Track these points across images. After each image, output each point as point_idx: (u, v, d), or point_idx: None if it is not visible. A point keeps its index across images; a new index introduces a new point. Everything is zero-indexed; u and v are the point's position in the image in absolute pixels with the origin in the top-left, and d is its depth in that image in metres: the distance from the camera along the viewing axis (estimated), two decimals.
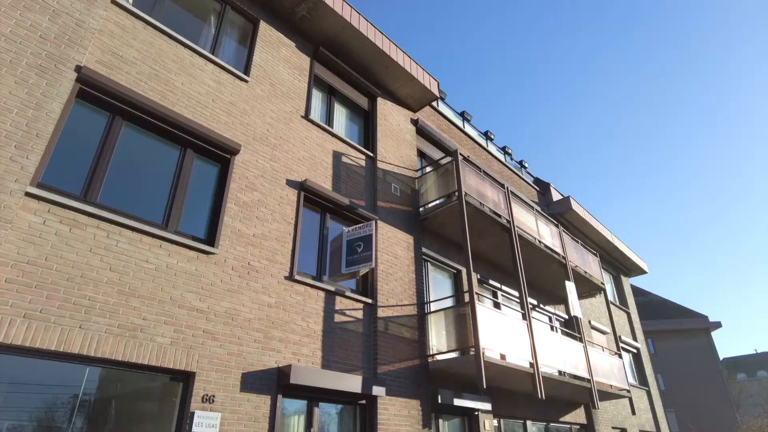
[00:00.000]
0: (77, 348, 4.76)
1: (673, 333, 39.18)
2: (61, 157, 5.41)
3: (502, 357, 8.71)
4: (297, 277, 7.00)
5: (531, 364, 8.98)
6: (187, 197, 6.34)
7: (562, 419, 12.00)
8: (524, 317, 9.53)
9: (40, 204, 4.97)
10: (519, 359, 8.79)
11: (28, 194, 4.88)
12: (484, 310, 8.36)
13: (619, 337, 17.52)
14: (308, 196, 7.84)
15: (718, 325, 39.16)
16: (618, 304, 19.52)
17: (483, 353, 7.75)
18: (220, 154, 6.81)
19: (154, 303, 5.43)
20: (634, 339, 19.28)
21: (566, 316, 14.41)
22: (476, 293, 8.51)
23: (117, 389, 6.91)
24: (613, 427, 14.17)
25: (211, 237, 6.32)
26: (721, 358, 38.75)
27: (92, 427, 7.49)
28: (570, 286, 12.02)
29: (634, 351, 18.93)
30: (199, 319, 5.74)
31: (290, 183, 7.62)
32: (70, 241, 5.05)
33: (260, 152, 7.38)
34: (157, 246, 5.69)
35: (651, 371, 19.28)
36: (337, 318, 7.40)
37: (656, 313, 40.57)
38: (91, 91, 5.72)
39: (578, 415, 12.74)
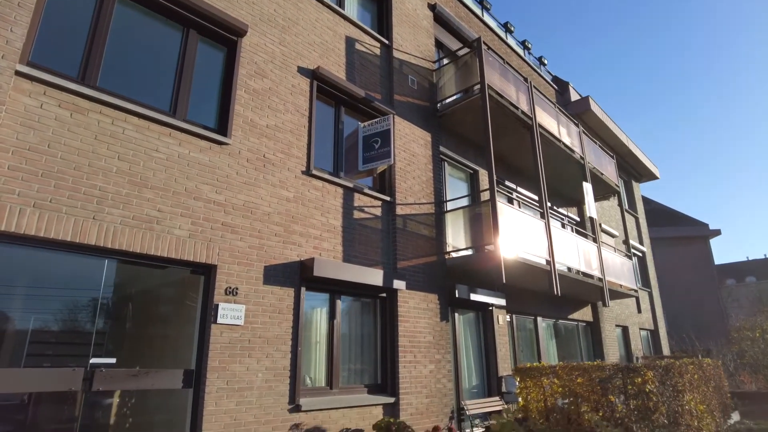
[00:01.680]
0: (93, 239, 4.56)
1: (673, 240, 39.77)
2: (50, 34, 4.83)
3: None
4: (314, 172, 6.67)
5: (548, 262, 8.95)
6: (193, 84, 5.81)
7: (570, 316, 12.34)
8: (542, 216, 9.36)
9: (33, 85, 4.50)
10: (536, 256, 8.74)
11: (18, 73, 4.39)
12: (504, 206, 8.14)
13: (626, 241, 17.66)
14: (321, 86, 7.27)
15: (717, 232, 39.63)
16: (627, 208, 19.43)
17: (502, 249, 7.65)
18: (225, 36, 6.15)
19: (168, 194, 5.15)
20: (641, 243, 19.45)
21: (578, 219, 14.33)
22: (497, 190, 8.22)
23: (138, 283, 6.87)
24: (616, 325, 14.69)
25: (222, 127, 5.89)
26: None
27: (116, 321, 7.57)
28: (587, 188, 11.76)
29: (640, 255, 19.18)
30: (217, 211, 5.49)
31: (302, 71, 7.01)
32: (72, 127, 4.65)
33: (268, 35, 6.70)
34: (166, 134, 5.28)
35: (654, 274, 19.71)
36: (356, 214, 7.19)
37: (658, 220, 40.90)
38: None
39: (585, 313, 13.11)
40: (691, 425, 6.77)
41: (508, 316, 9.94)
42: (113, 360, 4.78)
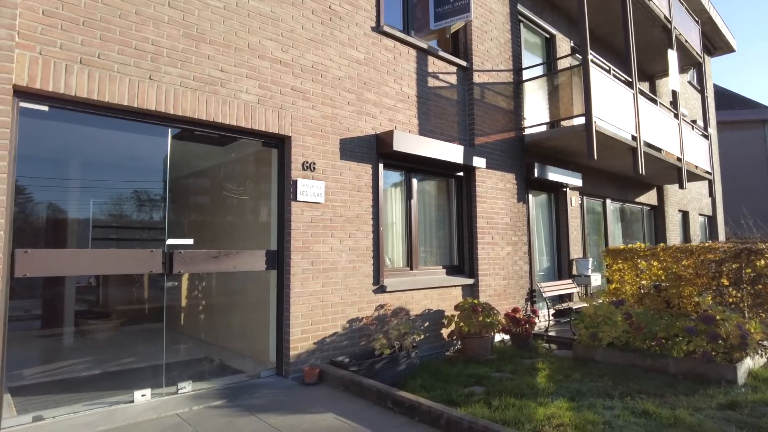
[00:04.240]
0: (153, 104, 3.89)
1: (729, 124, 37.05)
2: None
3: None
4: (385, 29, 5.67)
5: (633, 138, 8.01)
6: None
7: (637, 200, 11.59)
8: (631, 86, 8.20)
9: None
10: (620, 130, 7.78)
11: None
12: (596, 72, 7.03)
13: (694, 121, 16.19)
14: None
15: None
16: (696, 85, 17.56)
17: (595, 121, 6.74)
18: None
19: (230, 51, 4.35)
20: (707, 125, 17.85)
21: (650, 94, 12.90)
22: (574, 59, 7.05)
23: (207, 156, 6.35)
24: (679, 210, 13.91)
25: None
26: None
27: (186, 199, 7.18)
28: (672, 56, 10.28)
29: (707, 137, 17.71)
30: (285, 74, 4.70)
31: None
32: None
33: None
34: None
35: (717, 159, 18.36)
36: (431, 82, 6.27)
37: (716, 103, 37.89)
38: None
39: (651, 197, 12.31)
40: None
41: (579, 198, 9.26)
42: (191, 241, 4.36)
